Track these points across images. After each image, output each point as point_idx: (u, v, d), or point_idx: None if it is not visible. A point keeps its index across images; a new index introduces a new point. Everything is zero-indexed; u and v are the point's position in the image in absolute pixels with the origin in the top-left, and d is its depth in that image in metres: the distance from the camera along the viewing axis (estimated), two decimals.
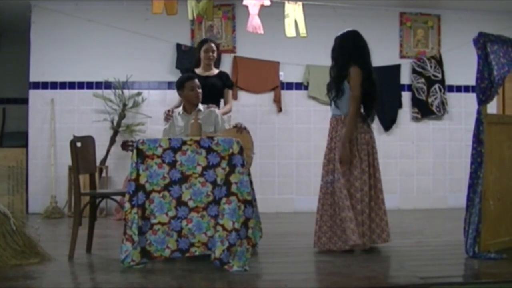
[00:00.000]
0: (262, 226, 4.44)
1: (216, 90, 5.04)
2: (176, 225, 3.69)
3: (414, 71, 7.29)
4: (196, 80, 4.58)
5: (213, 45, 5.18)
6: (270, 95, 7.11)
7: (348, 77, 4.22)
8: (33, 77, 6.86)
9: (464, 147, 7.00)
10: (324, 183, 4.25)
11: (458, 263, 3.89)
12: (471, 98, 5.23)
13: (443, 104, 7.29)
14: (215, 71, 5.24)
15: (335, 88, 4.26)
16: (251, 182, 3.96)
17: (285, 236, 5.16)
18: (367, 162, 4.22)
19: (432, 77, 7.28)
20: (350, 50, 4.26)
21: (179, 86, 4.58)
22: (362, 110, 4.32)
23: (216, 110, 4.72)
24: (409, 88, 7.30)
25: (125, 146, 4.13)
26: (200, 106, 4.59)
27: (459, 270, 3.78)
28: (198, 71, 5.14)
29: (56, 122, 6.86)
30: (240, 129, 4.35)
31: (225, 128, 4.53)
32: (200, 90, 4.57)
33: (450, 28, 7.33)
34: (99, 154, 5.46)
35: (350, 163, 4.17)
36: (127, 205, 3.69)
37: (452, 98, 7.36)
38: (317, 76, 6.92)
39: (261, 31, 5.64)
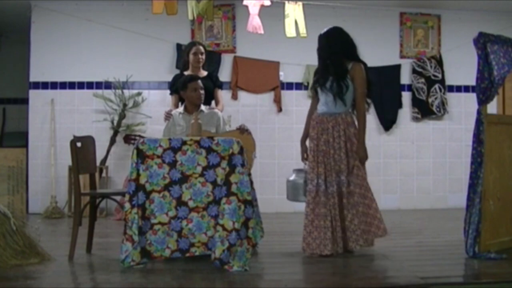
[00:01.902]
0: (262, 226, 4.44)
1: (208, 91, 5.03)
2: (176, 225, 3.69)
3: (414, 71, 7.28)
4: (199, 81, 4.59)
5: (201, 47, 5.21)
6: (270, 95, 7.11)
7: (349, 73, 4.18)
8: (33, 77, 6.86)
9: (464, 147, 7.00)
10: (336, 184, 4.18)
11: (458, 263, 3.89)
12: (471, 98, 5.24)
13: (443, 104, 7.28)
14: (204, 73, 5.25)
15: (338, 84, 4.14)
16: (251, 182, 3.95)
17: (285, 236, 5.16)
18: None
19: (432, 77, 7.27)
20: (341, 46, 4.21)
21: (182, 86, 4.59)
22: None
23: (218, 111, 4.72)
24: (409, 88, 7.29)
25: (128, 139, 4.14)
26: (203, 107, 4.59)
27: (459, 270, 3.79)
28: (187, 74, 5.13)
29: (56, 122, 6.86)
30: (242, 130, 4.36)
31: (226, 130, 4.53)
32: (202, 91, 4.58)
33: (450, 28, 7.32)
34: (99, 154, 5.45)
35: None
36: (127, 205, 3.69)
37: (452, 98, 7.35)
38: None
39: (261, 31, 5.64)
